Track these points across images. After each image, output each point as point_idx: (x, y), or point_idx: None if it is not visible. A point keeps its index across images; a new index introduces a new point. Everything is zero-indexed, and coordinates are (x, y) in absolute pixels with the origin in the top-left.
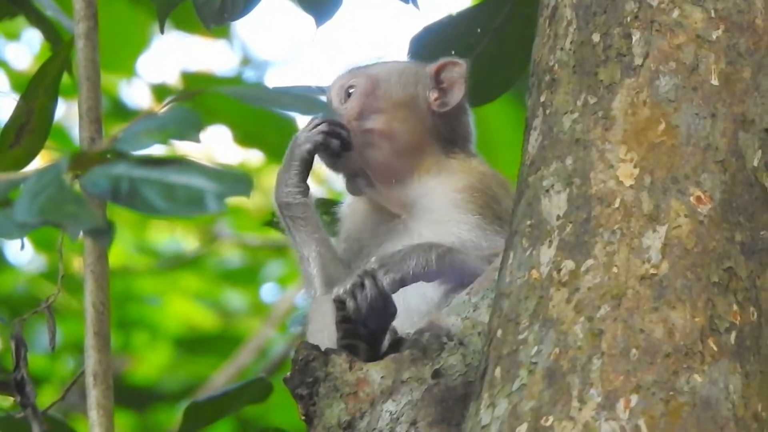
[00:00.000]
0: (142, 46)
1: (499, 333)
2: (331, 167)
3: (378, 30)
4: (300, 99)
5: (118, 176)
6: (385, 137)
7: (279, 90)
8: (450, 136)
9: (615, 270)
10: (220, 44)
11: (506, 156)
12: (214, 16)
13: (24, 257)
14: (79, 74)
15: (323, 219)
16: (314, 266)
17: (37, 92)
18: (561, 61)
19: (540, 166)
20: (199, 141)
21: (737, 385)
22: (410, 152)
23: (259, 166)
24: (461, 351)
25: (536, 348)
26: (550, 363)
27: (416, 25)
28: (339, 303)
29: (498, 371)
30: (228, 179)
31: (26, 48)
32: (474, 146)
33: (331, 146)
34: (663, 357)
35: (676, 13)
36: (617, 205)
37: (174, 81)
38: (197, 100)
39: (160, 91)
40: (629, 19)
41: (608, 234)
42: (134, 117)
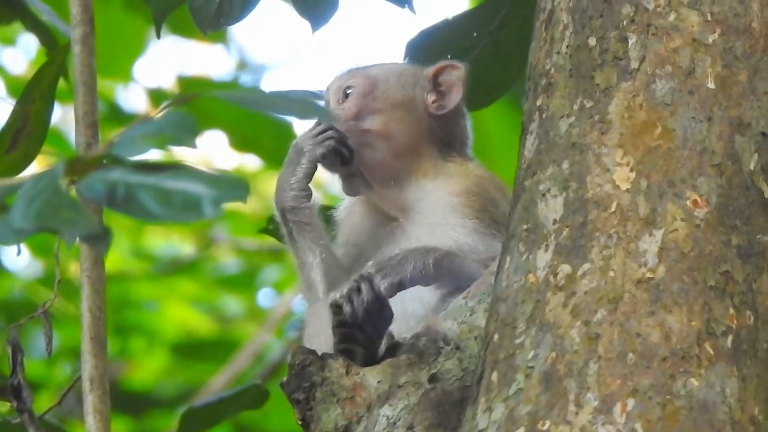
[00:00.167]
0: (139, 51)
1: (496, 337)
2: (329, 168)
3: (374, 34)
4: (297, 103)
5: (114, 182)
6: (383, 138)
7: (275, 94)
8: (447, 140)
9: (611, 274)
10: (217, 48)
11: (503, 160)
12: (211, 21)
13: (21, 262)
14: (76, 79)
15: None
16: (318, 272)
17: (34, 97)
18: (557, 65)
19: (536, 170)
20: (195, 146)
21: (734, 389)
22: (407, 154)
23: (256, 171)
24: (458, 355)
25: (533, 352)
26: (547, 367)
27: (413, 29)
28: (335, 307)
29: (495, 375)
30: (224, 184)
31: (22, 53)
32: (471, 150)
33: (342, 153)
34: (660, 361)
35: (673, 17)
36: (614, 209)
37: (170, 85)
38: (193, 105)
39: (157, 96)
40: (625, 23)
41: (605, 238)
42: (131, 122)
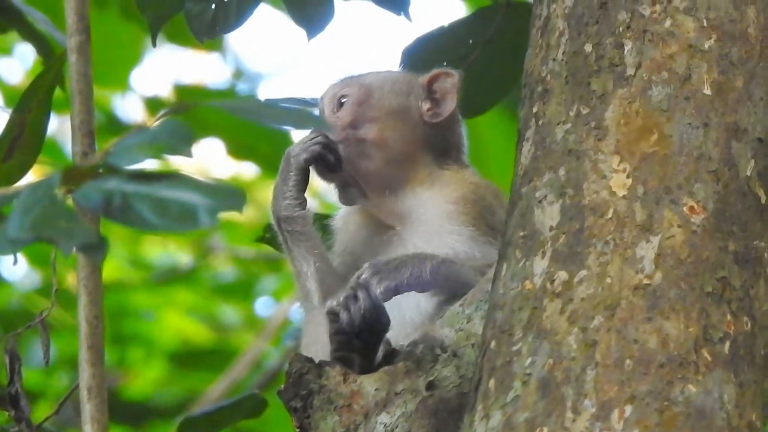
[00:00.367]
0: (135, 60)
1: (493, 344)
2: (324, 177)
3: (370, 42)
4: (292, 112)
5: (111, 191)
6: (378, 146)
7: (271, 103)
8: (442, 147)
9: (608, 280)
10: (213, 57)
11: (499, 167)
12: (206, 30)
13: (18, 273)
14: (72, 88)
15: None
16: (312, 281)
17: (30, 106)
18: (553, 72)
19: (533, 177)
20: (191, 155)
21: (731, 395)
22: (403, 162)
23: (253, 179)
24: (455, 362)
25: (530, 359)
26: (544, 374)
27: (408, 37)
28: (332, 315)
29: (492, 382)
30: (220, 194)
31: (18, 63)
32: (467, 157)
33: (327, 159)
34: (657, 367)
35: (669, 23)
36: (610, 216)
37: (167, 94)
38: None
39: (153, 105)
40: (621, 29)
41: (601, 244)
42: (127, 131)
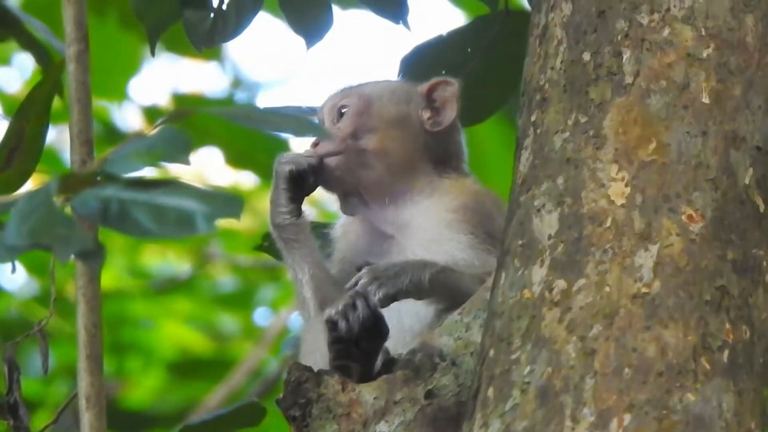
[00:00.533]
0: (133, 69)
1: (492, 353)
2: (325, 186)
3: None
4: (291, 120)
5: (108, 198)
6: (379, 156)
7: (270, 111)
8: (442, 156)
9: (607, 289)
10: (211, 66)
11: (497, 175)
12: (205, 38)
13: (17, 281)
14: (70, 97)
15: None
16: (308, 289)
17: (28, 115)
18: (551, 80)
19: (531, 186)
20: (189, 163)
21: (730, 403)
22: (403, 171)
23: (253, 187)
24: (454, 371)
25: (529, 367)
26: (543, 382)
27: (407, 45)
28: (331, 324)
29: (491, 391)
30: (218, 201)
31: (17, 72)
32: (466, 165)
33: (306, 178)
34: (656, 376)
35: (667, 32)
36: (609, 224)
37: (165, 103)
38: (188, 122)
39: (152, 114)
40: (619, 38)
41: (600, 253)
42: (125, 139)
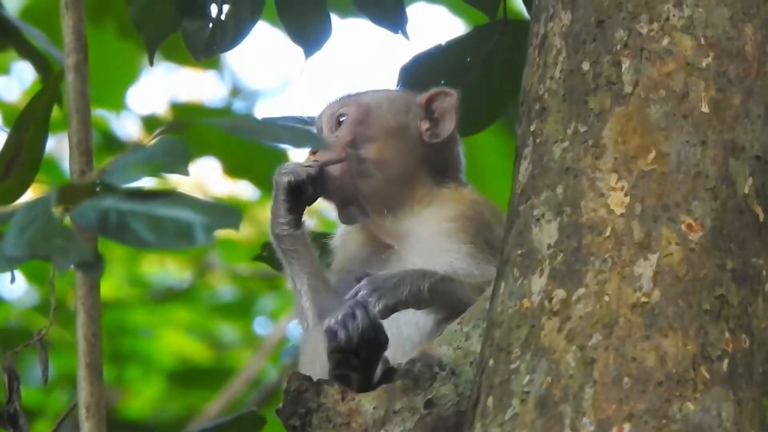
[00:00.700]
0: (132, 78)
1: (491, 362)
2: (324, 196)
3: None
4: (290, 131)
5: (107, 209)
6: (378, 166)
7: (268, 121)
8: (440, 166)
9: (606, 298)
10: (210, 75)
11: (496, 185)
12: (203, 49)
13: (17, 291)
14: (69, 107)
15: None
16: (306, 299)
17: (28, 125)
18: (551, 90)
19: (530, 195)
20: (188, 173)
21: (730, 413)
22: (402, 181)
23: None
24: (453, 381)
25: (528, 377)
26: (543, 392)
27: (406, 55)
28: (330, 333)
29: (490, 401)
30: (217, 211)
31: (16, 81)
32: (464, 175)
33: (304, 189)
34: (655, 385)
35: (666, 41)
36: (608, 234)
37: (163, 112)
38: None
39: (150, 122)
40: (619, 47)
41: (599, 262)
42: (124, 149)
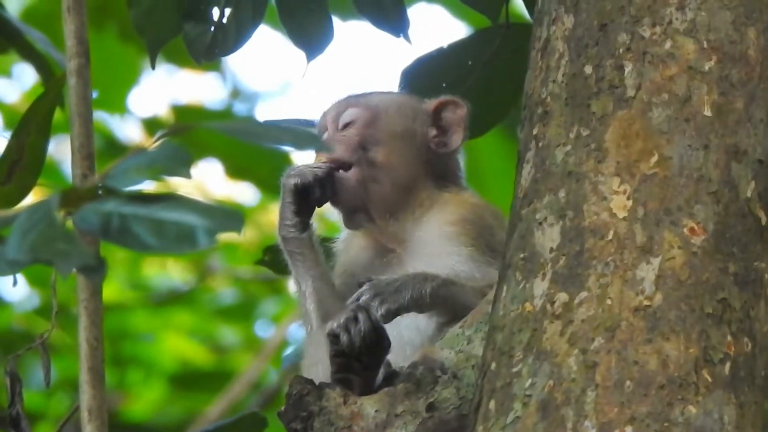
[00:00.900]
0: (133, 81)
1: (493, 366)
2: (332, 202)
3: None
4: (291, 133)
5: (109, 213)
6: (385, 170)
7: (270, 124)
8: (442, 170)
9: (609, 302)
10: (211, 77)
11: (498, 188)
12: (205, 52)
13: (19, 294)
14: (71, 110)
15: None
16: (311, 302)
17: (29, 129)
18: (553, 94)
19: (533, 199)
20: (190, 177)
21: (732, 416)
22: (406, 186)
23: (254, 200)
24: (455, 384)
25: (530, 380)
26: (544, 395)
27: (408, 58)
28: (332, 337)
29: (492, 404)
30: (219, 215)
31: (17, 83)
32: (464, 180)
33: (312, 191)
34: (657, 388)
35: (669, 45)
36: (610, 237)
37: (164, 114)
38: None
39: (151, 125)
40: (621, 51)
41: (602, 266)
42: (126, 152)
